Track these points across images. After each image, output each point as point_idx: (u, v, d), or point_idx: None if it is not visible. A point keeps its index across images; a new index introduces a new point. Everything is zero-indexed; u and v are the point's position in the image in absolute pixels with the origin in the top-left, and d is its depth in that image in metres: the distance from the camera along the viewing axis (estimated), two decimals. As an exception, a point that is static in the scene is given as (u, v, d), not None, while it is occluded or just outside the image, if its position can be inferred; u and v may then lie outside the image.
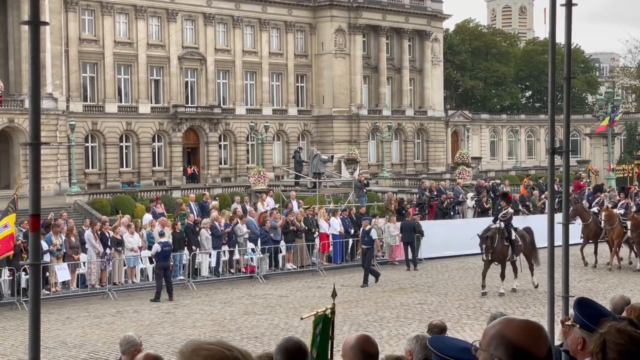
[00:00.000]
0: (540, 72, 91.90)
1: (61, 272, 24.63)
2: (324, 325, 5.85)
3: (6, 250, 22.48)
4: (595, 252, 29.03)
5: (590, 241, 29.49)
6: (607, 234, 28.47)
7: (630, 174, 52.72)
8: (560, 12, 6.12)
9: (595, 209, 30.92)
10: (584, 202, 34.50)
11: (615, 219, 28.30)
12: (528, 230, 25.26)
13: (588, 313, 4.44)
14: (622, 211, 30.05)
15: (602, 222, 28.67)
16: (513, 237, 24.43)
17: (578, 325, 4.46)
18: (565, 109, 6.04)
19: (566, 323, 4.72)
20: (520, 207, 36.76)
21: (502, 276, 23.98)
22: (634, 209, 30.34)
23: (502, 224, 24.48)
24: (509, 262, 24.44)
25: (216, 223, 28.26)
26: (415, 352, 6.50)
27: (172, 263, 25.32)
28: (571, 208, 30.95)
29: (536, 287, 24.20)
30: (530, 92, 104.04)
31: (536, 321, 3.14)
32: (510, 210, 25.52)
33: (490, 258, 23.94)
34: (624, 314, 5.17)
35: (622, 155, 75.86)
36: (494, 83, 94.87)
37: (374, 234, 27.60)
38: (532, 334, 3.05)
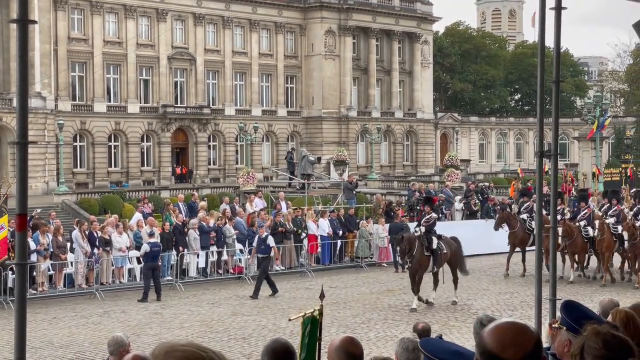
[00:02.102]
0: (530, 75, 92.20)
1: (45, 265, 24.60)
2: (312, 326, 5.86)
3: (3, 253, 22.29)
4: (523, 260, 27.68)
5: (518, 249, 27.99)
6: (544, 241, 27.64)
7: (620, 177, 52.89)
8: (550, 15, 6.14)
9: (524, 216, 29.14)
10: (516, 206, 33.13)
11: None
12: (455, 239, 23.44)
13: (574, 316, 4.46)
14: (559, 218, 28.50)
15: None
16: (434, 246, 22.37)
17: (565, 328, 4.48)
18: (553, 112, 6.06)
19: (553, 325, 4.73)
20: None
21: (417, 290, 22.08)
22: (567, 216, 28.45)
23: (423, 230, 22.57)
24: (430, 273, 22.58)
25: (204, 224, 28.21)
26: (399, 354, 6.51)
27: (160, 264, 25.26)
28: (497, 215, 29.80)
29: (454, 303, 22.47)
30: (519, 95, 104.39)
31: (523, 325, 3.07)
32: (434, 215, 23.67)
33: (408, 267, 22.04)
34: (610, 317, 5.19)
35: (610, 159, 76.17)
36: (483, 86, 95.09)
37: (271, 242, 25.27)
38: (502, 338, 2.99)
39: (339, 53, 73.91)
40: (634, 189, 38.91)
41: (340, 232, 31.22)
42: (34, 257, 23.85)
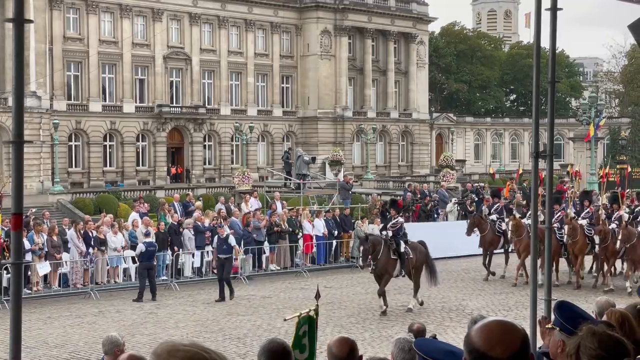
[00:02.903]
0: (525, 75, 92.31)
1: (42, 268, 24.49)
2: (310, 326, 5.87)
3: None
4: (489, 263, 27.25)
5: (487, 251, 27.54)
6: (515, 245, 26.29)
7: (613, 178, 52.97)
8: (545, 16, 6.15)
9: (493, 217, 28.58)
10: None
11: (523, 229, 25.84)
12: (422, 243, 22.95)
13: (567, 316, 4.47)
14: (529, 222, 27.08)
15: (510, 232, 26.38)
16: (402, 250, 21.82)
17: (558, 328, 4.49)
18: (549, 113, 6.08)
19: (547, 326, 4.74)
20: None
21: (381, 293, 21.53)
22: (540, 218, 27.97)
23: (390, 234, 21.96)
24: (400, 277, 22.14)
25: (199, 223, 28.18)
26: (394, 355, 6.53)
27: (155, 263, 25.23)
28: (468, 220, 29.01)
29: (409, 310, 21.64)
30: (514, 96, 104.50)
31: (511, 323, 3.04)
32: (401, 219, 23.09)
33: (372, 270, 21.55)
34: (604, 317, 5.22)
35: (605, 160, 76.23)
36: (479, 86, 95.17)
37: (232, 241, 24.32)
38: (491, 336, 2.97)
39: (334, 53, 73.93)
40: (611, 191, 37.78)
41: (336, 232, 31.23)
42: (28, 257, 23.82)
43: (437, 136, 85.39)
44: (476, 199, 37.97)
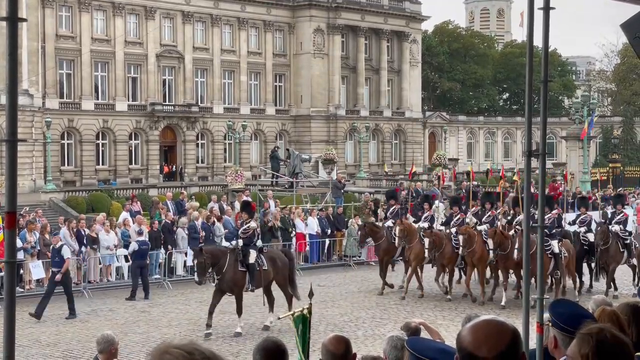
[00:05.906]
0: (518, 74, 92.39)
1: (36, 270, 24.46)
2: (304, 325, 5.89)
3: None
4: (385, 274, 24.88)
5: (383, 261, 25.18)
6: (405, 252, 24.05)
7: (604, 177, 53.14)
8: (538, 15, 6.16)
9: (390, 222, 25.95)
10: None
11: (414, 235, 23.73)
12: (287, 254, 20.78)
13: (560, 312, 4.52)
14: (425, 224, 24.94)
15: (397, 238, 23.69)
16: (252, 261, 18.99)
17: (551, 324, 4.55)
18: (542, 112, 6.09)
19: (545, 323, 4.80)
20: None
21: (239, 311, 18.90)
22: (439, 221, 25.12)
23: (241, 243, 19.25)
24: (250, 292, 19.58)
25: (196, 222, 28.07)
26: (387, 352, 6.56)
27: (148, 262, 25.21)
28: (359, 231, 26.94)
29: (266, 328, 19.04)
30: (507, 95, 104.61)
31: (500, 323, 3.02)
32: (253, 224, 19.81)
33: (219, 286, 18.94)
34: (595, 314, 5.26)
35: (598, 159, 76.51)
36: (472, 85, 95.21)
37: (66, 253, 21.40)
38: (478, 336, 2.97)
39: (327, 52, 73.92)
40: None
41: (329, 231, 31.25)
42: (20, 255, 23.76)
43: (430, 135, 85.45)
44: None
